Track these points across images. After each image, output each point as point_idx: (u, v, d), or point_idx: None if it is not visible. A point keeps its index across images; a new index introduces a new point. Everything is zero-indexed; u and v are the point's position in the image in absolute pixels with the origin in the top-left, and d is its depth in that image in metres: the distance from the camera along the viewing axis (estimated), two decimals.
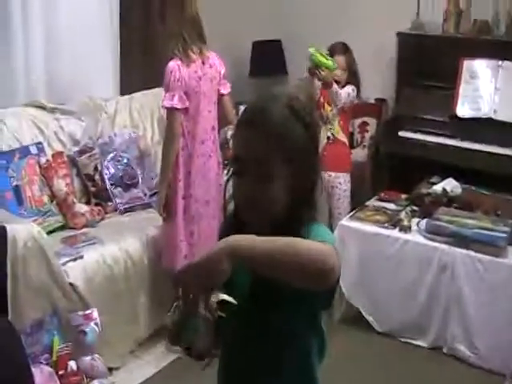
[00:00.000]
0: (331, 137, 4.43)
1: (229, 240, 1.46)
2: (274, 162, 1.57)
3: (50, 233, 3.80)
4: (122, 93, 5.00)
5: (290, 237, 1.48)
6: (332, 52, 4.42)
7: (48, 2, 4.48)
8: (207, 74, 3.67)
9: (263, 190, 1.58)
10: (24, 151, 4.01)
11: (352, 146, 5.37)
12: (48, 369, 3.15)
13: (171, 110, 3.59)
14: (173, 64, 3.55)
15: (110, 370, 3.57)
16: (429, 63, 4.93)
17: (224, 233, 1.70)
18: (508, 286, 3.57)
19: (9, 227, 3.18)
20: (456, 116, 4.70)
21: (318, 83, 4.34)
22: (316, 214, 1.67)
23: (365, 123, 5.42)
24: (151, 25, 5.16)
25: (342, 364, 3.64)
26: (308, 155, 1.62)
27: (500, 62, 4.66)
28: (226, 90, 3.83)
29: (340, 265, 1.49)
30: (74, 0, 4.64)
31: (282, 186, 1.58)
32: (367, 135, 5.39)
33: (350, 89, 4.41)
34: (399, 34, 5.12)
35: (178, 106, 3.56)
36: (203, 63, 3.65)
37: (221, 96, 3.81)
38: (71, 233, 3.93)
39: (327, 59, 4.20)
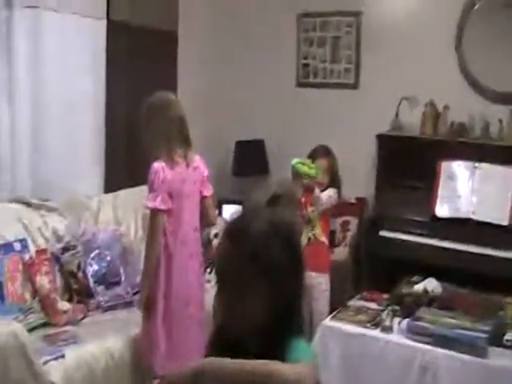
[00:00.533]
0: (312, 237, 4.47)
1: (204, 360, 1.60)
2: (248, 277, 1.60)
3: (31, 330, 3.77)
4: (106, 190, 5.06)
5: (266, 358, 1.55)
6: (314, 155, 4.53)
7: (35, 98, 4.60)
8: (191, 177, 3.73)
9: (238, 303, 1.62)
10: (7, 248, 4.02)
11: (333, 245, 5.44)
12: None
13: (154, 211, 3.61)
14: (157, 165, 3.59)
15: None
16: (408, 164, 5.06)
17: (212, 342, 1.78)
18: None
19: None
20: (435, 216, 4.79)
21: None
22: (299, 328, 1.71)
23: (346, 222, 5.50)
24: (136, 123, 5.28)
25: None
26: (287, 272, 1.65)
27: (476, 164, 4.78)
28: (208, 192, 3.87)
29: (317, 380, 1.55)
30: (61, 98, 4.76)
31: (257, 301, 1.62)
32: (348, 234, 5.45)
33: (331, 192, 4.51)
34: (379, 136, 5.25)
35: (161, 207, 3.58)
36: (187, 166, 3.71)
37: (203, 198, 3.85)
38: (53, 330, 3.89)
39: (310, 167, 4.29)
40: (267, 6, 6.12)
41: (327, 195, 4.46)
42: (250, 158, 6.04)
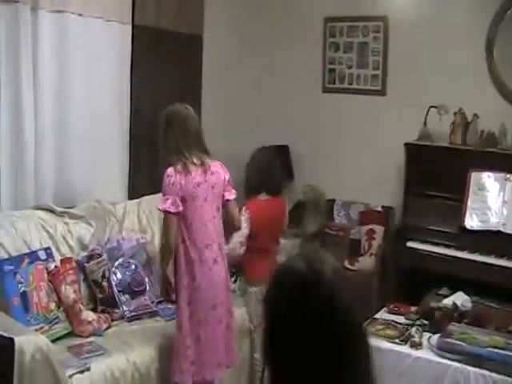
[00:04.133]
0: None
1: None
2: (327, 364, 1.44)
3: (55, 340, 3.74)
4: (130, 197, 5.03)
5: None
6: None
7: (60, 105, 4.59)
8: (208, 181, 3.73)
9: None
10: (32, 257, 3.99)
11: (359, 254, 5.39)
12: None
13: (165, 213, 3.66)
14: (170, 170, 3.64)
15: None
16: (436, 173, 4.98)
17: None
18: None
19: (17, 339, 3.14)
20: (464, 228, 4.71)
21: None
22: None
23: (372, 230, 5.43)
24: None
25: None
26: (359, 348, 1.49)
27: (508, 175, 4.70)
28: (230, 196, 3.88)
29: None
30: (86, 104, 4.74)
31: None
32: (374, 243, 5.39)
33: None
34: (407, 144, 5.18)
35: (171, 210, 3.60)
36: (204, 172, 3.72)
37: (226, 202, 3.87)
38: (77, 341, 3.86)
39: None
40: (294, 10, 6.05)
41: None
42: None
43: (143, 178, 5.13)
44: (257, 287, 4.21)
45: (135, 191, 5.07)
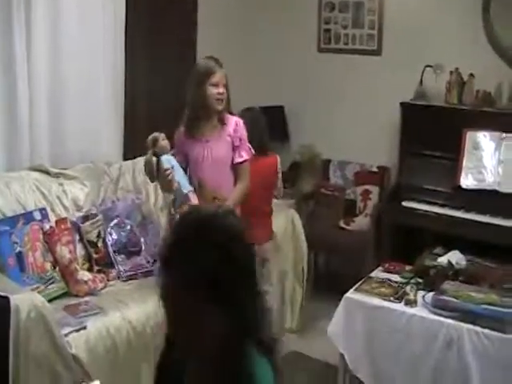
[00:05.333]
0: None
1: None
2: (192, 302, 1.51)
3: (51, 300, 3.75)
4: (126, 157, 5.01)
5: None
6: None
7: (54, 65, 4.55)
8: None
9: (190, 335, 1.54)
10: (28, 217, 3.98)
11: (354, 214, 5.40)
12: None
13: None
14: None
15: None
16: (432, 133, 4.98)
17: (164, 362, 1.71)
18: None
19: (12, 297, 3.14)
20: (460, 187, 4.71)
21: None
22: (263, 344, 1.61)
23: (367, 191, 5.44)
24: (155, 91, 5.25)
25: None
26: (240, 291, 1.55)
27: (503, 135, 4.69)
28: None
29: None
30: (80, 64, 4.70)
31: (207, 316, 1.53)
32: (369, 203, 5.40)
33: None
34: (403, 104, 5.16)
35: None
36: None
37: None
38: (73, 301, 3.85)
39: None
40: None
41: None
42: (269, 124, 5.95)
43: (138, 139, 5.09)
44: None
45: (130, 152, 5.03)
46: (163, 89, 5.40)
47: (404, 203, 4.88)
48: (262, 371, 1.56)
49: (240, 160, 3.88)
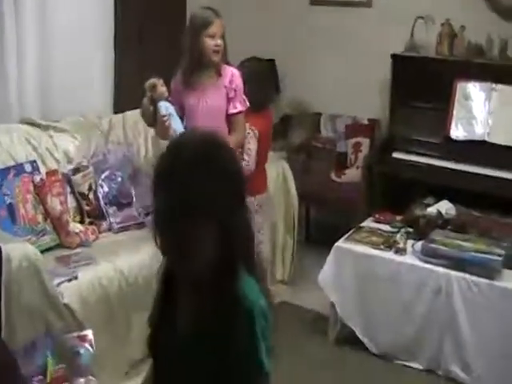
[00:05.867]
0: None
1: None
2: (190, 219, 1.52)
3: (43, 251, 3.76)
4: (116, 111, 4.99)
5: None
6: None
7: (40, 16, 4.48)
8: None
9: (186, 245, 1.54)
10: (18, 169, 3.97)
11: (345, 166, 5.41)
12: None
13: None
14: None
15: None
16: (423, 84, 4.96)
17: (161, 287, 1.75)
18: (503, 309, 3.58)
19: (3, 247, 3.15)
20: (450, 138, 4.72)
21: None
22: (249, 266, 1.65)
23: (358, 143, 5.44)
24: (145, 44, 5.21)
25: None
26: (232, 205, 1.58)
27: (493, 85, 4.69)
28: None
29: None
30: (67, 15, 4.64)
31: (205, 241, 1.55)
32: (360, 155, 5.40)
33: None
34: (393, 56, 5.14)
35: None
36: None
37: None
38: (65, 252, 3.88)
39: None
40: None
41: None
42: None
43: (129, 92, 5.08)
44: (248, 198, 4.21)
45: (121, 105, 5.02)
46: (155, 36, 5.35)
47: (394, 154, 4.89)
48: (250, 287, 1.61)
49: (234, 111, 3.84)
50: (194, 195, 1.51)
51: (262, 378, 1.60)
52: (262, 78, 4.38)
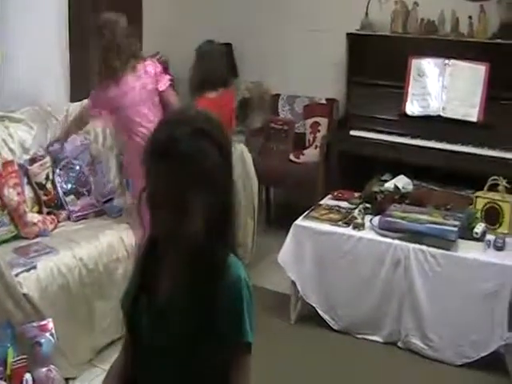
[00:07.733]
0: None
1: None
2: (190, 194, 1.53)
3: (1, 243, 3.75)
4: (73, 99, 4.96)
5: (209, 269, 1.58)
6: None
7: None
8: (141, 84, 4.02)
9: (181, 223, 1.55)
10: None
11: (304, 147, 5.43)
12: (2, 383, 3.10)
13: None
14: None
15: (67, 380, 3.51)
16: (378, 62, 5.01)
17: (143, 260, 1.75)
18: (459, 279, 3.63)
19: None
20: (405, 114, 4.77)
21: None
22: (232, 241, 1.68)
23: (316, 123, 5.47)
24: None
25: (298, 363, 3.68)
26: (224, 180, 1.61)
27: (446, 61, 4.74)
28: (162, 86, 4.11)
29: None
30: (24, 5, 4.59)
31: (199, 218, 1.56)
32: (319, 135, 5.43)
33: None
34: (349, 35, 5.17)
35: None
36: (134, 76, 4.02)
37: (161, 93, 4.11)
38: (23, 243, 3.85)
39: None
40: None
41: None
42: None
43: (85, 80, 5.05)
44: None
45: (77, 93, 4.98)
46: None
47: (352, 132, 4.93)
48: (235, 261, 1.65)
49: (164, 87, 4.11)
50: (195, 168, 1.53)
51: (245, 348, 1.65)
52: (217, 57, 4.43)
